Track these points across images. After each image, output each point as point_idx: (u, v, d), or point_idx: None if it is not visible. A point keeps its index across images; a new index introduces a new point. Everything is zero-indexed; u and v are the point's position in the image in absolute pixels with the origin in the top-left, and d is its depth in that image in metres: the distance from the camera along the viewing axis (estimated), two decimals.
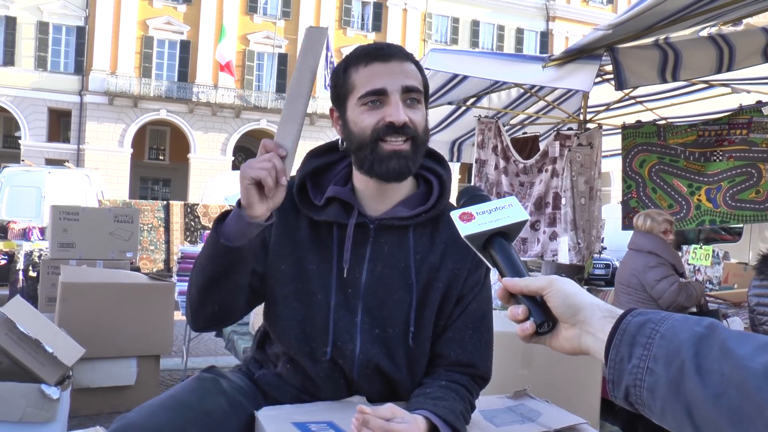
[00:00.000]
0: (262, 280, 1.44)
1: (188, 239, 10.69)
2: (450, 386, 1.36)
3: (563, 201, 5.05)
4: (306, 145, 1.55)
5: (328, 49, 21.04)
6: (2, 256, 6.72)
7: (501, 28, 33.90)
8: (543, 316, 0.85)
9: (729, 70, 3.80)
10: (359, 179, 1.45)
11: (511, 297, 0.89)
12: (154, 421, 1.22)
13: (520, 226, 0.95)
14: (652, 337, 0.73)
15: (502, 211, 0.95)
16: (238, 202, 1.26)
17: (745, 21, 3.77)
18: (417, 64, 1.42)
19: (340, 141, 1.47)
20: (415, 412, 1.25)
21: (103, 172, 20.18)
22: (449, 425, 1.25)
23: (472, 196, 1.02)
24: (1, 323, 3.16)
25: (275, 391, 1.45)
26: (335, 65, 1.46)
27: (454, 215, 0.97)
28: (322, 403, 1.39)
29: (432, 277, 1.42)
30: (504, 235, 0.94)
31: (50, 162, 24.40)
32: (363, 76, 1.36)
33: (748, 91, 5.23)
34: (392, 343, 1.39)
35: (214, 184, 14.81)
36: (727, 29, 3.89)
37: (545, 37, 34.53)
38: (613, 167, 6.73)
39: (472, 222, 0.95)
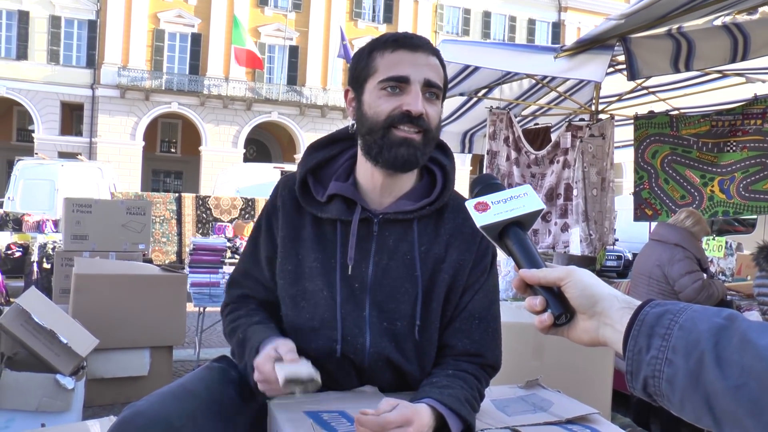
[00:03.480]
0: None
1: (200, 231, 10.75)
2: (457, 375, 1.36)
3: (575, 192, 5.03)
4: (318, 137, 1.56)
5: (343, 38, 21.04)
6: (17, 249, 6.78)
7: (512, 19, 33.69)
8: (561, 307, 0.84)
9: (743, 59, 3.75)
10: (363, 171, 1.45)
11: (528, 288, 0.88)
12: (162, 409, 1.23)
13: (535, 215, 0.93)
14: (671, 328, 0.73)
15: (518, 200, 0.94)
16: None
17: (761, 9, 3.72)
18: (441, 60, 1.42)
19: (350, 125, 1.47)
20: (419, 401, 1.25)
21: (115, 165, 20.28)
22: (454, 412, 1.24)
23: (486, 185, 1.00)
24: (16, 314, 3.20)
25: None
26: (351, 50, 1.46)
27: (469, 205, 0.96)
28: (334, 393, 1.39)
29: (437, 269, 1.41)
30: (519, 224, 0.93)
31: (63, 155, 24.56)
32: (388, 61, 1.36)
33: (763, 81, 5.17)
34: (401, 336, 1.39)
35: (226, 176, 14.84)
36: (742, 18, 3.84)
37: (557, 28, 34.29)
38: (625, 158, 6.68)
39: (488, 212, 0.93)
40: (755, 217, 8.13)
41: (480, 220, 0.93)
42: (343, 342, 1.37)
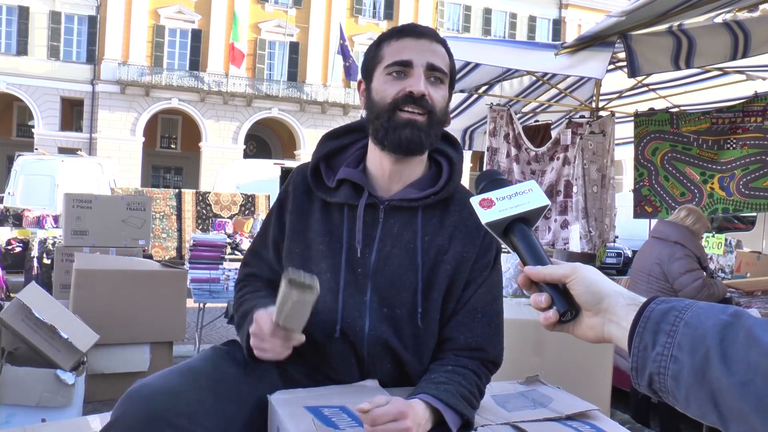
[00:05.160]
0: None
1: (200, 227, 10.74)
2: (456, 370, 1.37)
3: (575, 189, 5.03)
4: (318, 134, 1.58)
5: (342, 38, 21.15)
6: (17, 244, 6.78)
7: (513, 15, 33.65)
8: (566, 304, 0.84)
9: (744, 56, 3.75)
10: (372, 158, 1.49)
11: (533, 284, 0.88)
12: (167, 382, 1.27)
13: (540, 211, 0.93)
14: (677, 324, 0.72)
15: (523, 197, 0.94)
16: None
17: (761, 7, 3.72)
18: (448, 49, 1.48)
19: (362, 113, 1.52)
20: (414, 396, 1.26)
21: (115, 161, 20.27)
22: (450, 407, 1.25)
23: (491, 181, 1.00)
24: (17, 310, 3.20)
25: (290, 365, 1.45)
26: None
27: (474, 201, 0.95)
28: (335, 387, 1.39)
29: (439, 259, 1.43)
30: (524, 220, 0.93)
31: (63, 151, 24.54)
32: (393, 48, 1.43)
33: (764, 78, 5.17)
34: (400, 323, 1.41)
35: (226, 172, 14.83)
36: (743, 15, 3.84)
37: (558, 25, 34.24)
38: (625, 155, 6.68)
39: (493, 208, 0.93)
40: (755, 214, 8.13)
41: (485, 216, 0.93)
42: (342, 324, 1.40)
